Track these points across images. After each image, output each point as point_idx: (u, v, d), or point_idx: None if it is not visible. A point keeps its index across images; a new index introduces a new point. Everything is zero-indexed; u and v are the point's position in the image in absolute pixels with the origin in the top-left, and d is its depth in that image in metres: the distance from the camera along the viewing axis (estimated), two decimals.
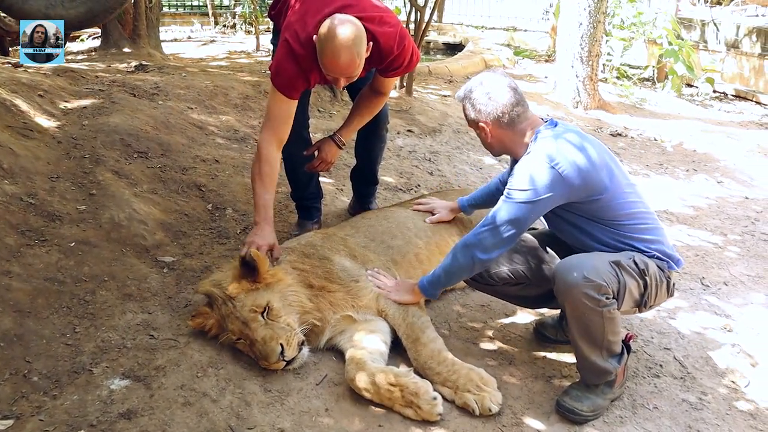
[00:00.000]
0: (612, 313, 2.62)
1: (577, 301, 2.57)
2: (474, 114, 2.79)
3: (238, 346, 2.86)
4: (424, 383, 2.63)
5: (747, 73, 10.42)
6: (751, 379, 3.16)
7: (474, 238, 2.78)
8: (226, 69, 7.52)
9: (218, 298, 2.86)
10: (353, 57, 3.08)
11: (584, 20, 7.99)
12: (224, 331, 2.86)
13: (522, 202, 2.64)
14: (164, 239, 3.69)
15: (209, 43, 12.17)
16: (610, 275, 2.59)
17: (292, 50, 3.21)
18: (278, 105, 3.32)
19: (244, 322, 2.78)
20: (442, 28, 13.46)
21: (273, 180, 3.35)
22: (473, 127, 2.88)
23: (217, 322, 2.88)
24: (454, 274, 2.92)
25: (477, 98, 2.76)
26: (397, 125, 6.25)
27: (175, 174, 4.32)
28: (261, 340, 2.74)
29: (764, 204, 5.62)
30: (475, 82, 2.81)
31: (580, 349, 2.72)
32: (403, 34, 3.39)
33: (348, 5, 3.22)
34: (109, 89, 5.34)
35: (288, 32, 3.22)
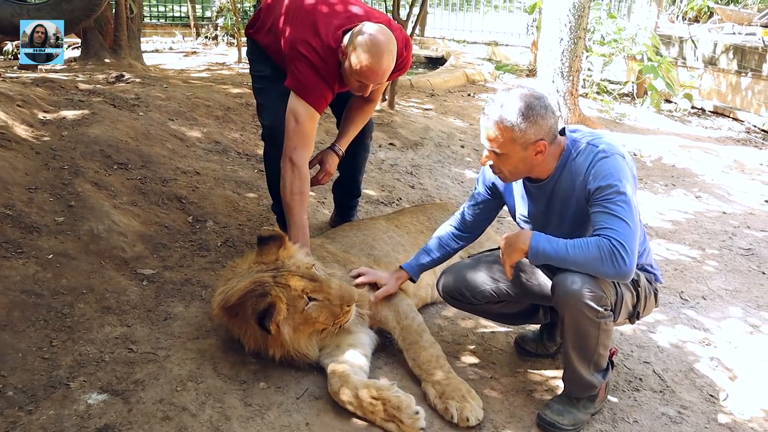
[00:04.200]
0: (608, 326, 2.63)
1: (577, 311, 2.56)
2: (534, 133, 2.52)
3: (310, 312, 2.75)
4: (406, 397, 2.62)
5: (724, 90, 10.58)
6: (730, 392, 3.18)
7: (603, 243, 2.44)
8: (207, 81, 7.50)
9: (269, 279, 2.73)
10: (391, 62, 3.20)
11: (565, 36, 8.07)
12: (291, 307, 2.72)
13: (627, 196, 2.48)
14: (144, 251, 3.66)
15: (191, 54, 12.12)
16: (610, 286, 2.59)
17: (312, 64, 3.24)
18: (311, 121, 3.33)
19: (311, 278, 2.78)
20: (424, 41, 13.53)
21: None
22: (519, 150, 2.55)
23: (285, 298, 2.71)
24: (569, 262, 2.52)
25: (539, 113, 2.52)
26: (379, 138, 6.26)
27: (156, 186, 4.29)
28: (336, 286, 2.81)
29: (741, 219, 5.69)
30: (521, 97, 2.52)
31: (570, 361, 2.72)
32: (405, 36, 3.49)
33: (355, 14, 3.29)
34: (89, 100, 5.30)
35: (301, 46, 3.24)
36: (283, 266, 2.79)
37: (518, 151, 2.56)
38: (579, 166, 2.60)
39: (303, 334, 2.82)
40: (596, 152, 2.57)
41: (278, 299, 2.68)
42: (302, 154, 3.32)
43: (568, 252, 2.51)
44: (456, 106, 8.48)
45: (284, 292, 2.71)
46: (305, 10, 3.36)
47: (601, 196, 2.51)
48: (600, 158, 2.55)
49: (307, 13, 3.34)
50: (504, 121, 2.51)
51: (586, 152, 2.60)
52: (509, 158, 2.60)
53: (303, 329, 2.80)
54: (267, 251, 2.85)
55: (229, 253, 3.82)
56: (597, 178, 2.53)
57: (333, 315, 2.79)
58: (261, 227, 4.17)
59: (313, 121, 3.34)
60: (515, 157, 2.59)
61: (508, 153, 2.58)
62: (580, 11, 7.97)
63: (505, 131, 2.52)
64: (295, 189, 3.30)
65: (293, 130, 3.30)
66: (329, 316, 2.79)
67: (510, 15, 14.81)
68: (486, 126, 2.57)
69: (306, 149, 3.34)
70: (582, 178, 2.59)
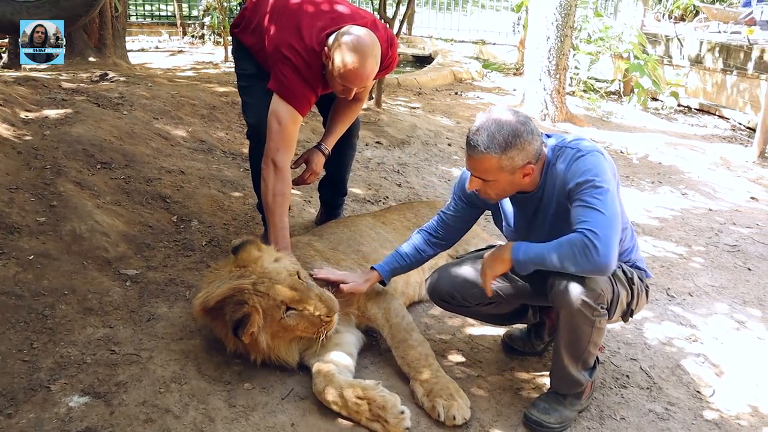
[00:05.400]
0: (602, 324, 2.62)
1: (574, 309, 2.54)
2: (522, 159, 2.51)
3: (288, 321, 2.71)
4: (392, 397, 2.60)
5: (710, 88, 10.64)
6: (716, 388, 3.18)
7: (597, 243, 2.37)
8: (193, 79, 7.45)
9: (248, 286, 2.69)
10: (375, 65, 3.18)
11: (552, 34, 8.09)
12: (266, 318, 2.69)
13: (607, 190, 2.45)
14: (127, 251, 3.62)
15: (177, 53, 12.05)
16: (606, 284, 2.58)
17: (296, 66, 3.22)
18: (293, 123, 3.31)
19: (292, 287, 2.73)
20: (411, 40, 13.52)
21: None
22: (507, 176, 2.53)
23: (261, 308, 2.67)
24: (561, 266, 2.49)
25: (526, 139, 2.49)
26: (366, 137, 6.23)
27: (140, 185, 4.25)
28: (316, 297, 2.74)
29: (727, 216, 5.71)
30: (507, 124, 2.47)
31: (560, 357, 2.70)
32: (391, 36, 3.47)
33: (341, 14, 3.27)
34: (72, 99, 5.25)
35: (285, 49, 3.22)
36: (265, 272, 2.75)
37: (506, 176, 2.55)
38: (558, 170, 2.59)
39: (282, 341, 2.79)
40: (573, 153, 2.57)
41: (254, 310, 2.65)
42: (284, 156, 3.29)
43: (545, 255, 2.49)
44: (443, 105, 8.47)
45: (262, 302, 2.68)
46: (290, 10, 3.33)
47: (579, 191, 2.49)
48: (577, 157, 2.54)
49: (292, 13, 3.31)
50: (491, 151, 2.46)
51: (564, 155, 2.60)
52: (497, 183, 2.58)
53: (282, 336, 2.78)
54: (245, 255, 2.81)
55: (213, 252, 3.78)
56: (575, 176, 2.52)
57: (313, 324, 2.75)
58: (246, 227, 4.15)
59: (295, 124, 3.32)
60: (503, 182, 2.58)
61: (496, 179, 2.56)
62: (566, 9, 7.99)
63: (492, 161, 2.48)
64: (277, 191, 3.27)
65: (276, 132, 3.27)
66: (309, 326, 2.75)
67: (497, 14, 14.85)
68: (473, 155, 2.52)
69: (288, 152, 3.32)
70: (561, 179, 2.58)
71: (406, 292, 3.45)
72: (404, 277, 3.41)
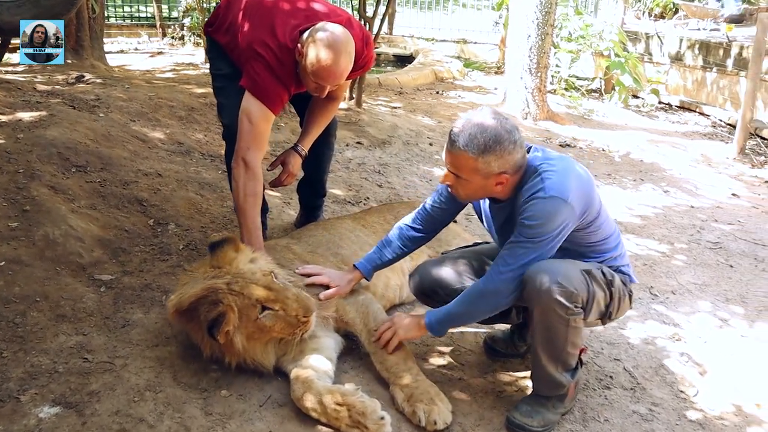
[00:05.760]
0: (577, 323, 2.59)
1: (547, 307, 2.52)
2: (498, 166, 2.47)
3: (264, 321, 2.65)
4: (371, 402, 2.55)
5: (690, 85, 10.69)
6: (700, 388, 3.16)
7: (493, 285, 2.60)
8: (171, 81, 7.35)
9: (222, 285, 2.63)
10: (349, 62, 3.13)
11: (533, 32, 8.07)
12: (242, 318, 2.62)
13: (544, 240, 2.50)
14: (102, 256, 3.54)
15: (157, 54, 11.91)
16: (581, 283, 2.56)
17: (268, 64, 3.17)
18: (265, 122, 3.25)
19: (267, 287, 2.68)
20: (392, 40, 13.48)
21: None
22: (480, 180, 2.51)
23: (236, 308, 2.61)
24: (468, 318, 2.80)
25: (507, 148, 2.45)
26: (346, 137, 6.18)
27: (116, 188, 4.17)
28: (293, 296, 2.69)
29: (709, 213, 5.72)
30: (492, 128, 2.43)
31: (538, 359, 2.67)
32: (366, 34, 3.42)
33: (315, 11, 3.24)
34: (47, 101, 5.15)
35: (258, 46, 3.17)
36: (239, 272, 2.69)
37: (479, 179, 2.52)
38: (523, 194, 2.54)
39: (258, 343, 2.73)
40: (537, 189, 2.49)
41: (229, 308, 2.58)
42: (255, 154, 3.23)
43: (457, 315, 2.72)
44: (424, 104, 8.44)
45: (237, 301, 2.61)
46: (264, 7, 3.28)
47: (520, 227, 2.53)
48: (537, 198, 2.48)
49: (266, 11, 3.26)
50: (470, 151, 2.43)
51: (533, 182, 2.52)
52: (469, 184, 2.55)
53: (258, 338, 2.71)
54: (221, 256, 2.75)
55: (191, 256, 3.71)
56: (524, 212, 2.51)
57: (290, 325, 2.70)
58: (224, 229, 4.08)
59: (267, 123, 3.26)
60: (475, 185, 2.55)
61: (468, 180, 2.53)
62: (547, 7, 7.98)
63: (469, 160, 2.45)
64: (249, 191, 3.21)
65: (247, 131, 3.21)
66: (286, 326, 2.70)
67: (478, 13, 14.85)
68: (451, 150, 2.50)
69: (259, 150, 3.26)
70: (520, 203, 2.54)
71: (386, 295, 3.40)
72: (384, 280, 3.37)
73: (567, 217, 2.49)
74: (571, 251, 2.67)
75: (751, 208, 6.01)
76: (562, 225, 2.49)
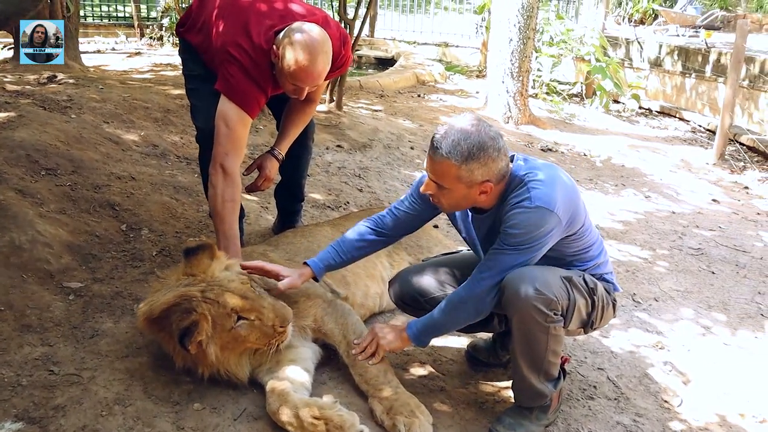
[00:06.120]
0: (557, 331, 2.52)
1: (526, 315, 2.45)
2: (482, 175, 2.38)
3: (239, 331, 2.55)
4: (350, 416, 2.46)
5: (669, 90, 10.73)
6: (684, 397, 3.12)
7: (474, 291, 2.54)
8: (147, 82, 7.21)
9: (196, 293, 2.53)
10: (327, 63, 3.03)
11: (514, 36, 8.05)
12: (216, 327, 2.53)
13: (529, 248, 2.44)
14: (71, 263, 3.41)
15: (135, 55, 11.73)
16: (561, 291, 2.49)
17: (243, 66, 3.07)
18: (243, 126, 3.15)
19: (243, 296, 2.58)
20: (374, 42, 13.41)
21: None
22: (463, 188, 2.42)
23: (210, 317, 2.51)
24: (450, 327, 2.73)
25: (491, 155, 2.36)
26: (326, 140, 6.09)
27: (87, 192, 4.04)
28: (269, 305, 2.61)
29: (690, 218, 5.71)
30: (475, 135, 2.35)
31: (519, 368, 2.61)
32: (344, 34, 3.34)
33: (291, 11, 3.15)
34: (17, 102, 5.01)
35: (232, 48, 3.07)
36: (214, 280, 2.59)
37: (462, 188, 2.43)
38: (509, 202, 2.47)
39: (233, 354, 2.63)
40: (523, 198, 2.42)
41: (203, 317, 2.48)
42: (233, 160, 3.13)
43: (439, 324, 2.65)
44: (406, 107, 8.37)
45: (211, 309, 2.51)
46: (238, 7, 3.18)
47: (504, 235, 2.47)
48: (523, 207, 2.41)
49: (240, 10, 3.16)
50: (453, 158, 2.34)
51: (518, 191, 2.45)
52: (451, 193, 2.47)
53: (233, 348, 2.61)
54: (196, 262, 2.65)
55: (165, 263, 3.60)
56: (508, 223, 2.44)
57: (266, 335, 2.60)
58: (200, 234, 3.96)
59: (244, 127, 3.16)
60: (458, 194, 2.46)
61: (451, 189, 2.44)
62: (528, 11, 7.96)
63: (452, 168, 2.37)
64: (227, 197, 3.11)
65: (224, 135, 3.11)
66: (261, 336, 2.60)
67: (460, 16, 14.81)
68: (433, 157, 2.40)
69: (237, 155, 3.16)
70: (504, 212, 2.47)
71: (366, 304, 3.31)
72: (363, 289, 3.28)
73: (553, 227, 2.42)
74: (554, 259, 2.60)
75: (731, 214, 6.01)
76: (547, 235, 2.43)
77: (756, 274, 4.59)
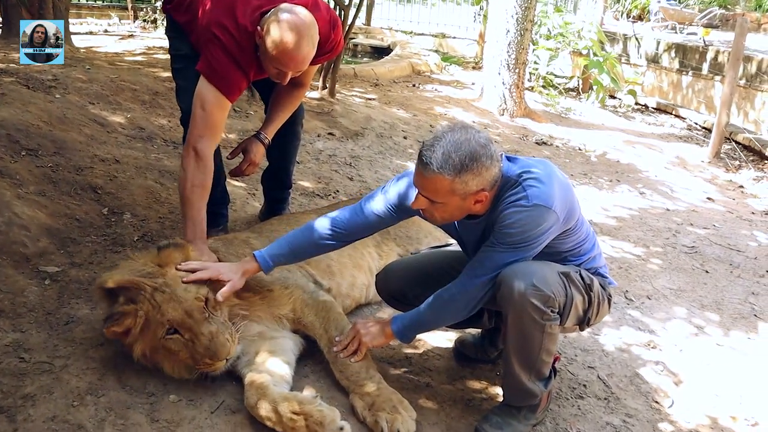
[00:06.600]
0: (553, 329, 2.43)
1: (521, 311, 2.36)
2: (476, 184, 2.27)
3: (168, 344, 2.46)
4: (330, 411, 2.37)
5: (666, 87, 10.66)
6: (675, 398, 3.05)
7: (466, 289, 2.46)
8: (136, 63, 7.06)
9: (147, 286, 2.47)
10: (312, 48, 2.92)
11: (512, 28, 7.94)
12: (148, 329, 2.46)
13: (527, 246, 2.35)
14: (49, 247, 3.30)
15: (128, 37, 11.54)
16: (558, 287, 2.40)
17: (225, 47, 2.95)
18: (220, 110, 3.05)
19: (188, 312, 2.46)
20: (370, 31, 13.27)
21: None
22: (457, 201, 2.30)
23: (144, 317, 2.45)
24: (438, 323, 2.65)
25: (484, 164, 2.24)
26: (318, 128, 5.97)
27: (69, 174, 3.92)
28: (208, 334, 2.45)
29: (684, 216, 5.63)
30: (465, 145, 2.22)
31: (510, 365, 2.52)
32: (334, 17, 3.22)
33: None
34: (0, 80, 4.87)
35: (216, 28, 2.95)
36: (171, 285, 2.50)
37: (456, 201, 2.31)
38: (503, 203, 2.37)
39: (165, 359, 2.54)
40: (519, 198, 2.32)
41: (133, 314, 2.46)
42: (207, 144, 3.03)
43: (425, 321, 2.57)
44: (400, 97, 8.25)
45: (150, 311, 2.46)
46: None
47: (496, 234, 2.38)
48: (520, 206, 2.31)
49: None
50: (445, 173, 2.21)
51: (513, 191, 2.35)
52: (445, 207, 2.35)
53: (164, 356, 2.53)
54: (167, 256, 2.58)
55: (146, 248, 3.49)
56: (504, 222, 2.33)
57: (194, 359, 2.49)
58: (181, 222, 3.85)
59: (222, 110, 3.06)
60: (452, 207, 2.35)
61: (445, 203, 2.33)
62: (527, 3, 7.86)
63: (444, 182, 2.24)
64: (197, 181, 3.00)
65: (200, 118, 3.01)
66: (189, 358, 2.50)
67: (458, 7, 14.71)
68: (424, 174, 2.26)
69: (212, 139, 3.06)
70: (498, 212, 2.37)
71: (352, 294, 3.22)
72: (349, 279, 3.19)
73: (551, 225, 2.33)
74: (548, 255, 2.51)
75: (726, 212, 5.94)
76: (545, 233, 2.34)
77: (750, 274, 4.52)
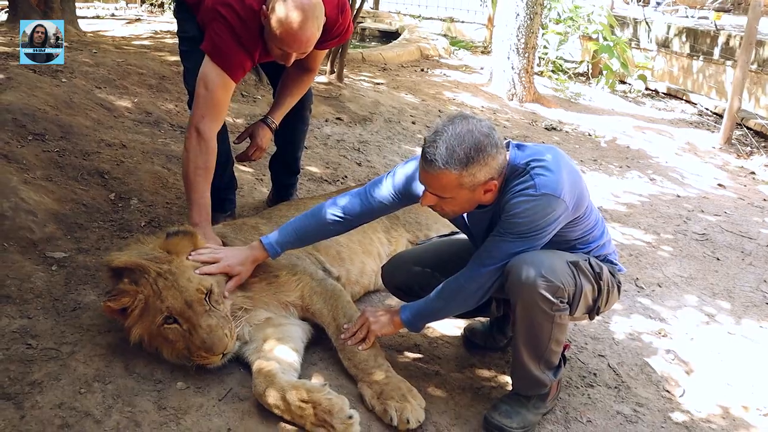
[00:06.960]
0: (563, 319, 2.41)
1: (530, 302, 2.34)
2: (484, 175, 2.24)
3: (165, 332, 2.46)
4: (339, 400, 2.35)
5: (676, 72, 10.53)
6: (686, 387, 3.02)
7: (474, 279, 2.44)
8: (143, 48, 7.02)
9: (151, 270, 2.46)
10: (316, 30, 2.87)
11: (521, 11, 7.85)
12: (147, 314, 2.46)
13: (535, 236, 2.32)
14: (56, 232, 3.28)
15: (134, 21, 11.50)
16: (567, 276, 2.37)
17: (232, 27, 2.90)
18: (224, 90, 3.00)
19: (188, 303, 2.45)
20: (378, 15, 13.16)
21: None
22: (467, 193, 2.28)
23: (144, 301, 2.45)
24: (446, 313, 2.63)
25: (489, 153, 2.20)
26: (326, 112, 5.93)
27: (75, 159, 3.90)
28: (207, 327, 2.43)
29: (695, 203, 5.57)
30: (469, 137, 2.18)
31: (519, 355, 2.49)
32: (342, 1, 3.16)
33: None
34: (6, 64, 4.84)
35: (221, 6, 2.91)
36: (176, 273, 2.49)
37: (465, 194, 2.29)
38: (510, 191, 2.33)
39: (163, 345, 2.53)
40: (527, 186, 2.28)
41: (133, 294, 2.46)
42: (211, 125, 2.99)
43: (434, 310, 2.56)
44: (408, 81, 8.19)
45: (151, 297, 2.45)
46: None
47: (504, 223, 2.35)
48: (528, 195, 2.27)
49: None
50: (452, 168, 2.18)
51: (521, 179, 2.31)
52: (455, 201, 2.32)
53: (162, 343, 2.52)
54: (176, 244, 2.57)
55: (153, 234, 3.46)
56: (512, 211, 2.30)
57: (189, 351, 2.48)
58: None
59: (226, 91, 3.01)
60: (461, 200, 2.32)
61: (454, 197, 2.30)
62: None
63: (452, 177, 2.21)
64: (200, 163, 2.97)
65: (203, 98, 2.97)
66: (185, 349, 2.49)
67: None
68: (429, 171, 2.23)
69: (215, 120, 3.02)
70: (506, 201, 2.33)
71: (361, 281, 3.20)
72: (359, 266, 3.17)
73: (560, 213, 2.30)
74: (557, 243, 2.47)
75: (737, 199, 5.88)
76: (554, 222, 2.31)
77: (762, 262, 4.47)
